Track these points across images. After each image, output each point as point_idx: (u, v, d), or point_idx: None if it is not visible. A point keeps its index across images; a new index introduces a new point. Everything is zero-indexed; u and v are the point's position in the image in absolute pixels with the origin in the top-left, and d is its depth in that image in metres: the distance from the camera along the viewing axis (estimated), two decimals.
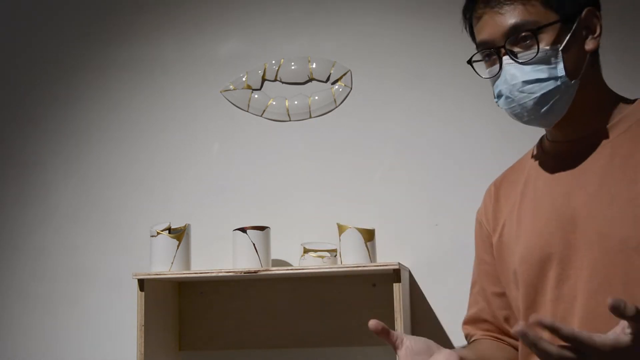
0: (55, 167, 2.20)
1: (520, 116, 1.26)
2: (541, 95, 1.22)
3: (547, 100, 1.22)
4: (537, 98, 1.22)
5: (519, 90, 1.23)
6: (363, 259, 1.79)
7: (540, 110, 1.23)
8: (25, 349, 2.13)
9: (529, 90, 1.22)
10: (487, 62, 1.30)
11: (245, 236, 1.83)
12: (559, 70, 1.20)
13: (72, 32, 2.25)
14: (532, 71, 1.21)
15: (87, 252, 2.14)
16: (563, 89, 1.21)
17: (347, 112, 2.07)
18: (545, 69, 1.21)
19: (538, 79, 1.21)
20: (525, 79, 1.22)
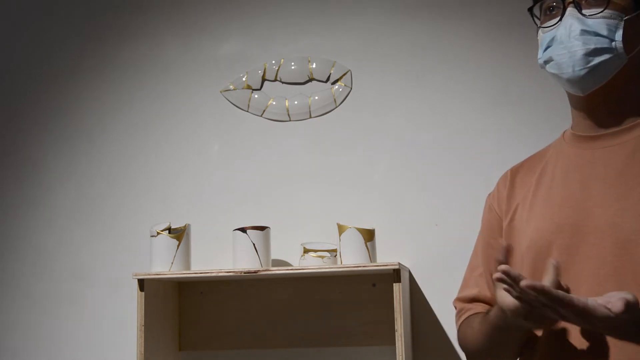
0: (55, 167, 2.20)
1: (565, 66, 1.24)
2: (594, 49, 1.22)
3: (597, 55, 1.22)
4: (588, 50, 1.22)
5: (575, 38, 1.23)
6: (363, 259, 1.79)
7: (587, 64, 1.22)
8: (25, 349, 2.13)
9: (585, 40, 1.22)
10: (547, 15, 1.28)
11: (245, 236, 1.83)
12: (617, 35, 1.21)
13: (72, 32, 2.25)
14: (594, 24, 1.22)
15: (87, 252, 2.14)
16: (614, 54, 1.22)
17: (347, 112, 2.07)
18: (606, 28, 1.21)
19: (597, 32, 1.22)
20: (584, 28, 1.22)
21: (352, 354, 1.95)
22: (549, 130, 1.37)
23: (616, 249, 1.18)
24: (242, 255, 1.83)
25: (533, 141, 1.94)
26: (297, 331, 1.98)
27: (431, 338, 1.93)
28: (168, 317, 1.97)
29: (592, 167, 1.26)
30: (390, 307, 1.70)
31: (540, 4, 1.29)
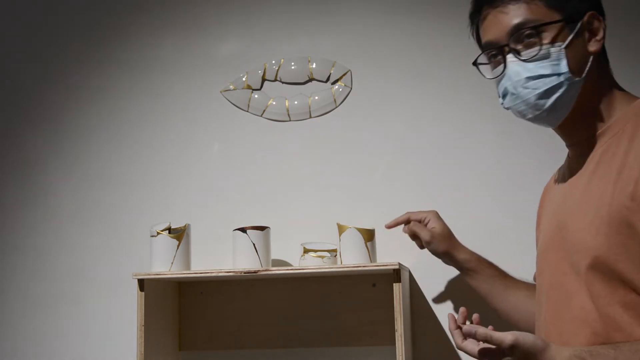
0: (55, 167, 2.20)
1: (525, 113, 1.27)
2: (544, 90, 1.23)
3: (550, 95, 1.23)
4: (540, 93, 1.23)
5: (523, 87, 1.24)
6: (363, 259, 1.79)
7: (544, 106, 1.24)
8: (25, 349, 2.13)
9: (532, 85, 1.23)
10: (492, 63, 1.31)
11: (245, 236, 1.83)
12: (562, 66, 1.22)
13: (72, 32, 2.25)
14: (536, 67, 1.23)
15: (87, 252, 2.14)
16: (566, 85, 1.22)
17: (347, 112, 2.07)
18: (549, 65, 1.22)
19: (541, 74, 1.23)
20: (528, 75, 1.23)
21: (352, 354, 1.95)
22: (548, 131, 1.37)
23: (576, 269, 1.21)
24: (242, 255, 1.83)
25: (532, 142, 1.95)
26: (297, 331, 1.98)
27: (431, 338, 1.93)
28: (168, 317, 1.97)
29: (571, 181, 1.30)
30: (390, 307, 1.70)
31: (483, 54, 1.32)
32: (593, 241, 1.16)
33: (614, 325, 1.15)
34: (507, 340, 1.15)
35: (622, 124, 1.21)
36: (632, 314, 1.13)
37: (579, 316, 1.19)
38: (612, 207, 1.14)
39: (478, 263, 1.64)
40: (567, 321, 1.21)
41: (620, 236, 1.13)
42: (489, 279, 1.62)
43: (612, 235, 1.13)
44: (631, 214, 1.12)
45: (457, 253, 1.66)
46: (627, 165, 1.15)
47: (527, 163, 1.95)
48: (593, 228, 1.16)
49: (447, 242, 1.67)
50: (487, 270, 1.63)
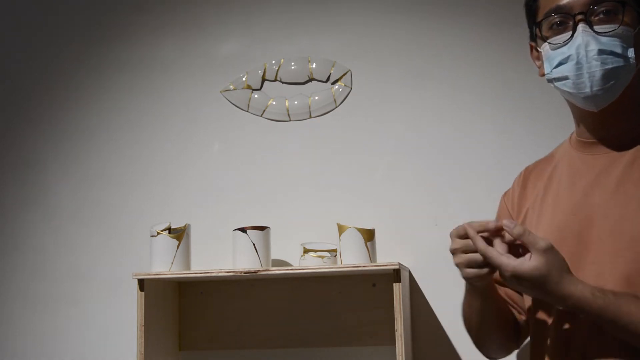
0: (55, 167, 2.20)
1: (583, 86, 1.23)
2: (612, 68, 1.21)
3: (613, 75, 1.22)
4: (607, 70, 1.21)
5: (593, 58, 1.22)
6: (363, 259, 1.79)
7: (605, 84, 1.22)
8: (25, 349, 2.13)
9: (603, 60, 1.21)
10: (554, 29, 1.26)
11: (245, 236, 1.83)
12: (630, 52, 1.21)
13: (72, 32, 2.25)
14: (609, 43, 1.21)
15: (87, 252, 2.14)
16: (627, 70, 1.22)
17: (347, 112, 2.07)
18: (620, 46, 1.21)
19: (614, 51, 1.21)
20: (602, 48, 1.21)
21: (352, 354, 1.95)
22: (548, 131, 1.37)
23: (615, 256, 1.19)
24: (242, 255, 1.83)
25: (532, 142, 1.95)
26: (297, 331, 1.98)
27: (431, 338, 1.93)
28: (168, 317, 1.97)
29: (595, 174, 1.26)
30: (390, 307, 1.70)
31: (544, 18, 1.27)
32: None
33: None
34: (542, 243, 1.11)
35: None
36: None
37: None
38: None
39: None
40: None
41: None
42: None
43: None
44: None
45: None
46: None
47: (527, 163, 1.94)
48: None
49: None
50: None
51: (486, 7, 2.02)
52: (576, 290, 1.12)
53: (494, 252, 1.15)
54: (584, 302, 1.11)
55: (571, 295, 1.12)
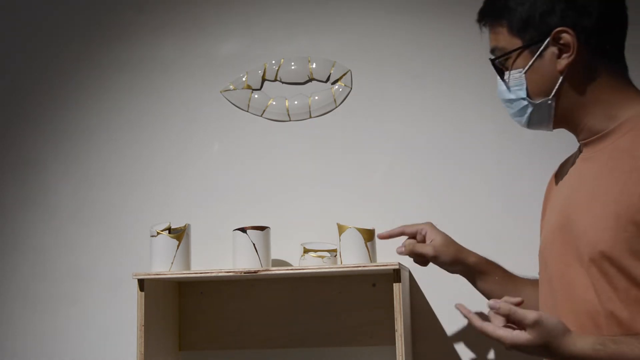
0: (55, 167, 2.20)
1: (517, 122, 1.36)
2: (515, 112, 1.32)
3: (522, 115, 1.31)
4: (514, 113, 1.33)
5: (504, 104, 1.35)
6: (363, 259, 1.79)
7: (522, 122, 1.32)
8: (25, 349, 2.13)
9: (507, 106, 1.34)
10: None
11: (245, 236, 1.83)
12: (522, 92, 1.28)
13: (72, 32, 2.25)
14: (505, 92, 1.31)
15: (87, 252, 2.13)
16: (532, 107, 1.28)
17: (347, 112, 2.07)
18: (514, 90, 1.29)
19: (509, 99, 1.31)
20: (503, 98, 1.33)
21: (352, 354, 1.95)
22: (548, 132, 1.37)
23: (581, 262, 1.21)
24: (242, 255, 1.83)
25: (532, 142, 1.95)
26: (297, 331, 1.98)
27: (431, 338, 1.93)
28: (168, 317, 1.97)
29: (578, 177, 1.30)
30: (390, 307, 1.70)
31: None
32: (599, 236, 1.17)
33: (615, 320, 1.15)
34: (531, 317, 1.14)
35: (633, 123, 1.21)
36: (632, 310, 1.14)
37: (582, 308, 1.20)
38: (620, 204, 1.15)
39: (488, 265, 1.57)
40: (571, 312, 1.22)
41: (626, 233, 1.14)
42: (501, 280, 1.56)
43: (619, 231, 1.15)
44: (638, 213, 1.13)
45: (466, 258, 1.55)
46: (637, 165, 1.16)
47: (527, 163, 1.95)
48: (600, 223, 1.17)
49: (453, 251, 1.55)
50: (498, 272, 1.57)
51: None
52: (577, 349, 1.14)
53: (489, 327, 1.18)
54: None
55: (576, 356, 1.14)
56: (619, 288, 1.15)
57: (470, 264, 1.55)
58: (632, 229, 1.14)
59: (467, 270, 1.56)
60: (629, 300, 1.15)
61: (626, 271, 1.14)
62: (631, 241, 1.14)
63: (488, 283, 1.55)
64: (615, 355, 1.12)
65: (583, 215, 1.22)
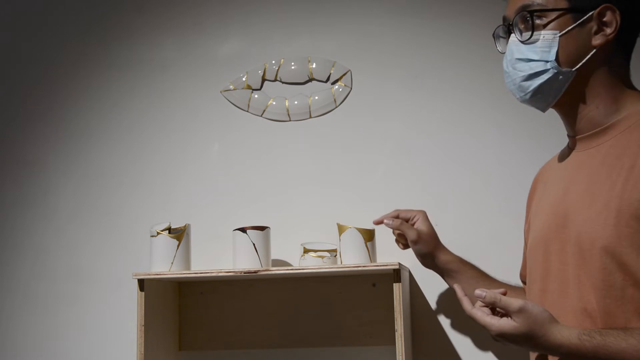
0: (55, 167, 2.20)
1: (514, 93, 1.31)
2: (529, 74, 1.26)
3: (532, 80, 1.26)
4: (525, 77, 1.27)
5: (512, 67, 1.29)
6: (363, 259, 1.79)
7: (528, 89, 1.28)
8: (25, 349, 2.13)
9: (519, 67, 1.27)
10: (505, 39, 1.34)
11: (245, 236, 1.83)
12: (551, 54, 1.24)
13: (72, 31, 2.25)
14: (527, 50, 1.26)
15: (87, 252, 2.13)
16: (552, 73, 1.24)
17: (347, 112, 2.07)
18: (539, 50, 1.25)
19: (529, 58, 1.26)
20: (518, 57, 1.27)
21: (352, 354, 1.95)
22: (549, 131, 1.37)
23: (578, 258, 1.21)
24: (242, 255, 1.83)
25: (532, 142, 1.95)
26: (297, 331, 1.98)
27: (431, 338, 1.93)
28: (168, 317, 1.97)
29: (574, 172, 1.29)
30: (390, 307, 1.70)
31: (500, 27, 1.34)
32: (599, 232, 1.17)
33: (611, 318, 1.15)
34: (516, 304, 1.16)
35: (634, 119, 1.21)
36: (627, 308, 1.14)
37: (579, 306, 1.19)
38: (622, 200, 1.15)
39: (460, 264, 1.64)
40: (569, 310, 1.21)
41: (628, 229, 1.14)
42: (472, 280, 1.60)
43: (620, 227, 1.15)
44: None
45: (440, 254, 1.65)
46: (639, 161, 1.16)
47: (527, 163, 1.94)
48: (600, 219, 1.17)
49: (433, 243, 1.65)
50: (470, 271, 1.62)
51: (486, 7, 2.02)
52: (563, 338, 1.15)
53: (478, 313, 1.21)
54: (574, 349, 1.14)
55: (561, 345, 1.15)
56: (615, 285, 1.16)
57: (442, 260, 1.64)
58: (634, 225, 1.14)
59: (439, 266, 1.65)
60: (624, 299, 1.15)
61: (626, 267, 1.15)
62: (633, 237, 1.14)
63: (457, 281, 1.60)
64: (599, 347, 1.12)
65: (581, 212, 1.21)
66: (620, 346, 1.11)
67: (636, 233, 1.14)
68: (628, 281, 1.15)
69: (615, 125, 1.24)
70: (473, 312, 1.22)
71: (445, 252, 1.66)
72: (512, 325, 1.16)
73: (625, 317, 1.15)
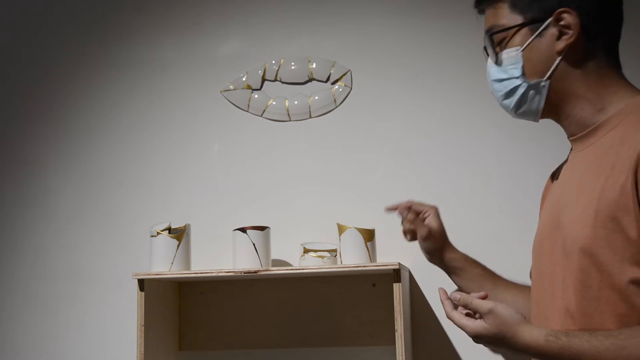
0: (55, 167, 2.20)
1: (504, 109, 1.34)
2: (505, 93, 1.29)
3: (511, 96, 1.28)
4: (503, 95, 1.30)
5: (492, 87, 1.32)
6: (363, 259, 1.79)
7: (510, 106, 1.30)
8: (25, 349, 2.13)
9: (497, 87, 1.30)
10: None
11: (245, 236, 1.83)
12: (517, 70, 1.26)
13: (72, 32, 2.25)
14: (497, 71, 1.29)
15: (87, 252, 2.13)
16: (524, 88, 1.26)
17: (347, 112, 2.07)
18: (508, 69, 1.27)
19: (500, 78, 1.29)
20: (493, 78, 1.31)
21: (352, 354, 1.95)
22: (549, 131, 1.37)
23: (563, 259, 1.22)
24: (242, 255, 1.83)
25: (531, 142, 1.95)
26: (297, 331, 1.98)
27: (431, 338, 1.93)
28: (168, 317, 1.97)
29: (569, 173, 1.30)
30: (390, 307, 1.70)
31: None
32: (580, 232, 1.18)
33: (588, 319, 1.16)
34: (486, 306, 1.20)
35: (621, 117, 1.21)
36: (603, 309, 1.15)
37: (563, 306, 1.21)
38: (600, 200, 1.15)
39: (465, 262, 1.63)
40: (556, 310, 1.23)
41: (604, 229, 1.15)
42: (477, 277, 1.60)
43: (597, 227, 1.15)
44: (618, 209, 1.13)
45: (446, 252, 1.64)
46: (620, 159, 1.15)
47: (528, 163, 1.95)
48: (582, 220, 1.18)
49: (441, 241, 1.63)
50: (475, 270, 1.62)
51: None
52: (531, 339, 1.17)
53: (456, 314, 1.26)
54: (541, 350, 1.17)
55: (529, 346, 1.18)
56: (592, 286, 1.16)
57: (448, 258, 1.63)
58: (611, 225, 1.14)
59: (445, 264, 1.64)
60: (600, 300, 1.15)
61: (602, 268, 1.15)
62: (609, 237, 1.14)
63: (464, 279, 1.62)
64: (565, 348, 1.13)
65: (570, 212, 1.22)
66: (582, 347, 1.12)
67: (611, 233, 1.13)
68: (604, 282, 1.15)
69: (603, 125, 1.23)
70: (452, 314, 1.26)
71: (452, 249, 1.64)
72: (483, 327, 1.21)
73: (601, 318, 1.15)
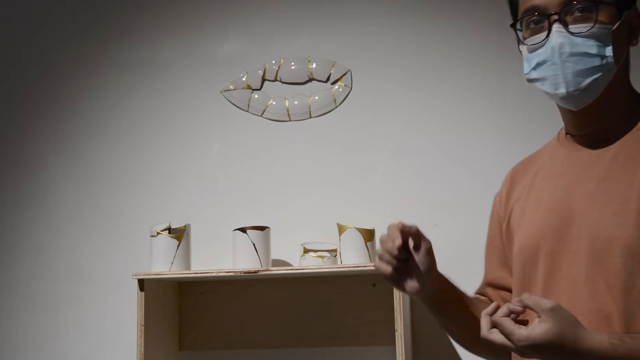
0: (55, 167, 2.20)
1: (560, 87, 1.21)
2: (585, 69, 1.19)
3: (588, 75, 1.19)
4: (580, 71, 1.19)
5: (565, 59, 1.19)
6: (363, 259, 1.79)
7: (580, 84, 1.20)
8: (25, 349, 2.13)
9: (576, 61, 1.19)
10: (530, 29, 1.24)
11: (245, 236, 1.83)
12: (607, 50, 1.18)
13: (72, 32, 2.25)
14: (582, 44, 1.19)
15: (87, 252, 2.13)
16: (605, 70, 1.19)
17: (347, 112, 2.07)
18: (595, 45, 1.18)
19: (587, 52, 1.19)
20: (574, 50, 1.19)
21: (352, 354, 1.95)
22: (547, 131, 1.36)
23: (591, 258, 1.18)
24: (242, 255, 1.83)
25: (531, 142, 1.93)
26: (297, 331, 1.98)
27: (431, 338, 1.93)
28: (168, 317, 1.97)
29: (579, 171, 1.25)
30: (390, 307, 1.70)
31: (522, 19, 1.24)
32: (619, 232, 1.14)
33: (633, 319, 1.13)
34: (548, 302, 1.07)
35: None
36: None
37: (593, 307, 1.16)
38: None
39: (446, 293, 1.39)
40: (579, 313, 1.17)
41: None
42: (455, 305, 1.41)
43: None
44: None
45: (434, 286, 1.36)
46: None
47: None
48: (618, 219, 1.15)
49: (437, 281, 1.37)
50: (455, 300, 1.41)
51: (486, 7, 2.02)
52: (594, 344, 1.06)
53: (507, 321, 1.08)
54: (606, 356, 1.06)
55: (592, 351, 1.06)
56: (636, 287, 1.13)
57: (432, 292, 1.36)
58: None
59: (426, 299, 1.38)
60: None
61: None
62: None
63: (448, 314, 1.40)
64: (633, 350, 1.06)
65: (592, 211, 1.19)
66: None
67: None
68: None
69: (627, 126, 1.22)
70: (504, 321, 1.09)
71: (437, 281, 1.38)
72: (542, 328, 1.06)
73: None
